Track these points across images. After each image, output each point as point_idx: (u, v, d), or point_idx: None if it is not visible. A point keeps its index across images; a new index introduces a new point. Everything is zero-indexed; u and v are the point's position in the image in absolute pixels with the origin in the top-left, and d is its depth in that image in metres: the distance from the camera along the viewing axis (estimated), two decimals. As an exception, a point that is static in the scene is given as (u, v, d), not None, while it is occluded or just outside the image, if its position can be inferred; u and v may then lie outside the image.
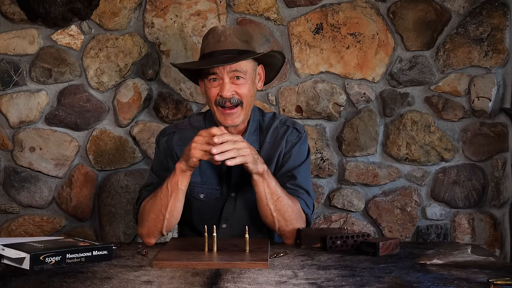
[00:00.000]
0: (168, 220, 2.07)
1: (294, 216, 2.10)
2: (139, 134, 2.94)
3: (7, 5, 2.88)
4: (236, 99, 2.11)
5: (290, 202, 2.10)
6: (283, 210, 2.07)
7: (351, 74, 2.94)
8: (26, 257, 1.72)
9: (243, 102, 2.12)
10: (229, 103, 2.10)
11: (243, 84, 2.12)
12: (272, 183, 2.06)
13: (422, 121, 2.95)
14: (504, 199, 2.99)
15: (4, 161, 2.96)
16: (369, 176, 2.97)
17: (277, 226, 2.10)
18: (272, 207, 2.07)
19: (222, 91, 2.09)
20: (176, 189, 2.03)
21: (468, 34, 2.92)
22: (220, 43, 2.13)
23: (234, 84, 2.11)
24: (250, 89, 2.14)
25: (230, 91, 2.10)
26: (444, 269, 1.74)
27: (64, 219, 2.98)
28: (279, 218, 2.08)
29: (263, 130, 2.25)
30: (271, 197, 2.06)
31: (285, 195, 2.09)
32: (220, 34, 2.14)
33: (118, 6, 2.89)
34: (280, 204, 2.07)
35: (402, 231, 2.99)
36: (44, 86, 2.93)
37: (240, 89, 2.11)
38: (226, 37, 2.13)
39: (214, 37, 2.15)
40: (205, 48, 2.17)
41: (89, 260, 1.80)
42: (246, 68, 2.12)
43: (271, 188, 2.05)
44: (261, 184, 2.04)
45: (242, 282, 1.61)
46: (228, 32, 2.14)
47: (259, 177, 2.04)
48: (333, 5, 2.91)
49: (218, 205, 2.22)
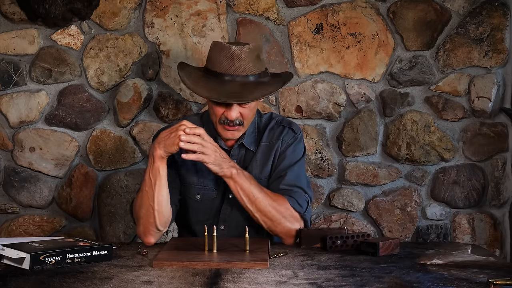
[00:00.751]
0: (159, 211, 2.05)
1: (280, 216, 2.09)
2: (139, 134, 2.94)
3: (7, 5, 2.88)
4: (239, 120, 2.12)
5: (272, 202, 2.09)
6: (265, 210, 2.08)
7: (351, 74, 2.94)
8: (26, 257, 1.72)
9: (243, 122, 2.14)
10: (232, 123, 2.11)
11: (248, 107, 2.12)
12: (245, 184, 2.07)
13: (422, 121, 2.95)
14: (504, 199, 2.99)
15: (4, 161, 2.96)
16: (369, 176, 2.97)
17: (266, 226, 2.11)
18: (252, 208, 2.08)
19: (228, 114, 2.10)
20: (159, 176, 2.03)
21: (468, 34, 2.92)
22: (234, 67, 2.09)
23: (240, 107, 2.11)
24: (253, 109, 2.16)
25: (236, 114, 2.10)
26: (444, 269, 1.74)
27: (64, 219, 2.98)
28: (264, 219, 2.09)
29: (261, 131, 2.25)
30: (248, 199, 2.08)
31: (265, 195, 2.09)
32: (235, 57, 2.09)
33: (118, 6, 2.89)
34: (260, 204, 2.07)
35: (402, 231, 2.99)
36: (44, 86, 2.93)
37: (245, 112, 2.12)
38: (241, 62, 2.09)
39: (228, 57, 2.09)
40: (215, 64, 2.12)
41: (89, 260, 1.80)
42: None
43: (244, 190, 2.07)
44: (233, 187, 2.08)
45: (242, 282, 1.61)
46: (243, 56, 2.09)
47: (229, 180, 2.07)
48: (333, 5, 2.92)
49: (214, 206, 2.22)
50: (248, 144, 2.21)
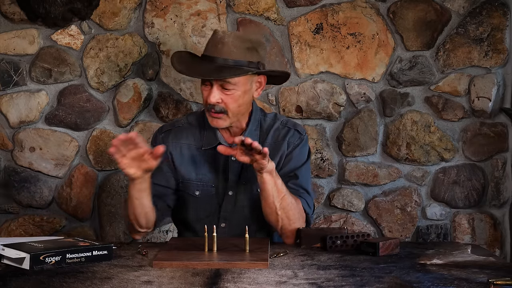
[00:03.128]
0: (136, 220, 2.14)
1: (297, 216, 2.12)
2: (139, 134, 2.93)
3: (7, 5, 2.88)
4: (221, 107, 2.12)
5: (294, 201, 2.12)
6: (288, 208, 2.09)
7: (351, 74, 2.94)
8: (26, 257, 1.72)
9: (227, 111, 2.13)
10: (213, 110, 2.13)
11: (231, 94, 2.12)
12: (278, 181, 2.08)
13: (422, 121, 2.95)
14: (504, 199, 2.99)
15: (4, 161, 2.96)
16: (369, 176, 2.97)
17: (280, 225, 2.11)
18: (277, 205, 2.08)
19: (208, 97, 2.13)
20: (130, 196, 2.10)
21: (468, 34, 2.92)
22: (216, 49, 2.13)
23: (222, 92, 2.12)
24: (238, 99, 2.14)
25: (216, 98, 2.11)
26: (444, 269, 1.74)
27: (64, 219, 2.98)
28: (283, 217, 2.09)
29: (264, 130, 2.26)
30: (277, 195, 2.07)
31: (289, 194, 2.11)
32: (218, 39, 2.14)
33: (118, 6, 2.89)
34: (285, 202, 2.09)
35: (402, 231, 2.99)
36: (44, 86, 2.93)
37: (227, 98, 2.12)
38: (224, 44, 2.12)
39: (213, 40, 2.16)
40: (205, 49, 2.20)
41: (89, 260, 1.80)
42: (237, 80, 2.12)
43: (277, 186, 2.07)
44: (270, 182, 2.06)
45: (242, 282, 1.61)
46: (227, 39, 2.13)
47: (269, 175, 2.05)
48: (333, 5, 2.91)
49: (213, 202, 2.23)
50: None
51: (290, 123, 2.29)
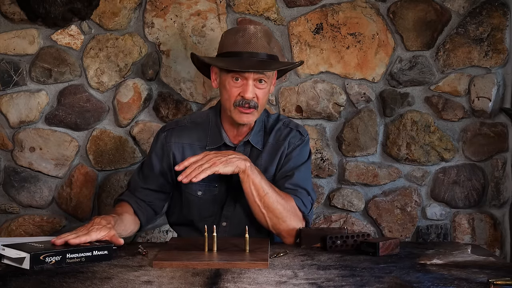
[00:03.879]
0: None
1: (286, 214, 2.10)
2: (139, 134, 2.94)
3: (7, 5, 2.88)
4: (255, 102, 2.14)
5: (281, 199, 2.10)
6: (273, 207, 2.08)
7: (351, 74, 2.94)
8: (26, 257, 1.72)
9: (258, 106, 2.16)
10: (248, 105, 2.13)
11: (264, 88, 2.15)
12: (256, 179, 2.06)
13: (422, 121, 2.95)
14: (504, 199, 2.99)
15: (4, 161, 2.96)
16: (369, 176, 2.97)
17: (269, 224, 2.11)
18: (260, 204, 2.08)
19: (245, 92, 2.12)
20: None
21: (468, 34, 2.92)
22: (251, 44, 2.14)
23: (256, 88, 2.14)
24: (267, 93, 2.18)
25: (252, 93, 2.13)
26: (444, 269, 1.74)
27: (64, 219, 2.98)
28: (270, 216, 2.09)
29: (267, 131, 2.27)
30: (257, 194, 2.07)
31: (274, 192, 2.09)
32: (251, 35, 2.15)
33: (118, 6, 2.89)
34: (268, 200, 2.07)
35: (402, 231, 2.99)
36: (44, 86, 2.93)
37: (260, 93, 2.15)
38: (257, 39, 2.15)
39: (244, 36, 2.15)
40: (231, 45, 2.17)
41: (89, 260, 1.80)
42: (270, 73, 2.16)
43: (255, 184, 2.06)
44: (245, 180, 2.06)
45: (242, 282, 1.61)
46: (259, 34, 2.15)
47: (242, 174, 2.05)
48: (333, 5, 2.92)
49: (216, 202, 2.23)
50: (255, 143, 2.22)
51: (292, 124, 2.31)
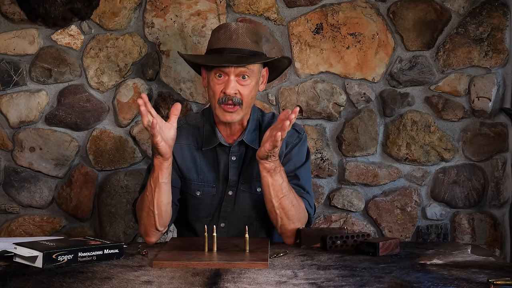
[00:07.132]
0: (158, 215, 2.06)
1: (297, 216, 2.11)
2: (139, 134, 2.94)
3: (7, 5, 2.88)
4: (238, 99, 2.12)
5: (296, 202, 2.11)
6: (287, 208, 2.08)
7: (351, 74, 2.94)
8: (38, 256, 1.72)
9: (243, 103, 2.13)
10: (231, 101, 2.12)
11: (247, 84, 2.13)
12: (278, 181, 2.06)
13: (422, 121, 2.95)
14: (504, 199, 2.99)
15: (4, 161, 2.96)
16: (369, 176, 2.97)
17: (279, 223, 2.11)
18: (275, 204, 2.07)
19: (226, 88, 2.11)
20: (158, 184, 2.03)
21: (468, 34, 2.92)
22: (232, 41, 2.14)
23: (238, 84, 2.13)
24: (252, 90, 2.15)
25: (234, 89, 2.11)
26: (444, 269, 1.74)
27: (64, 219, 2.98)
28: (282, 216, 2.09)
29: (262, 130, 2.26)
30: (275, 194, 2.07)
31: (291, 194, 2.10)
32: (232, 31, 2.15)
33: (118, 6, 2.89)
34: (284, 202, 2.07)
35: (402, 231, 2.99)
36: (44, 86, 2.93)
37: (244, 89, 2.13)
38: (238, 36, 2.15)
39: (225, 33, 2.16)
40: (214, 43, 2.18)
41: (100, 259, 1.81)
42: (253, 69, 2.14)
43: (275, 186, 2.06)
44: (266, 180, 2.05)
45: (242, 282, 1.61)
46: (240, 30, 2.16)
47: (267, 174, 2.05)
48: (333, 5, 2.91)
49: (214, 203, 2.23)
50: (249, 142, 2.22)
51: None
